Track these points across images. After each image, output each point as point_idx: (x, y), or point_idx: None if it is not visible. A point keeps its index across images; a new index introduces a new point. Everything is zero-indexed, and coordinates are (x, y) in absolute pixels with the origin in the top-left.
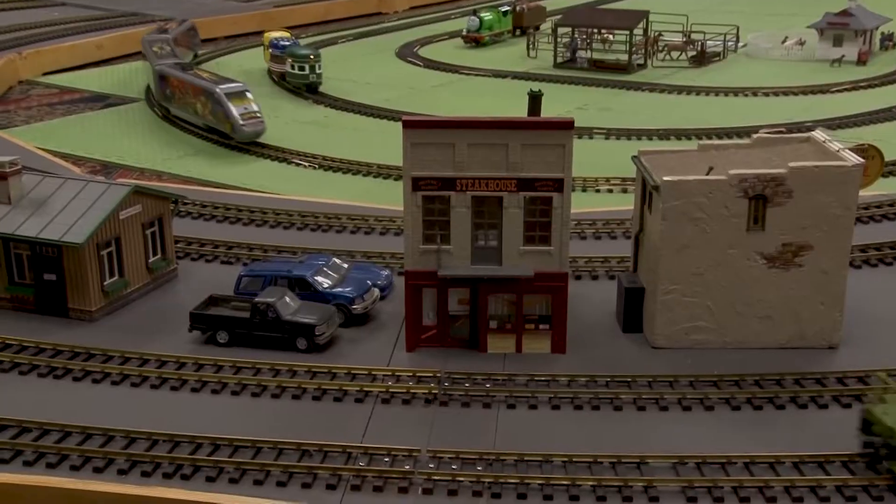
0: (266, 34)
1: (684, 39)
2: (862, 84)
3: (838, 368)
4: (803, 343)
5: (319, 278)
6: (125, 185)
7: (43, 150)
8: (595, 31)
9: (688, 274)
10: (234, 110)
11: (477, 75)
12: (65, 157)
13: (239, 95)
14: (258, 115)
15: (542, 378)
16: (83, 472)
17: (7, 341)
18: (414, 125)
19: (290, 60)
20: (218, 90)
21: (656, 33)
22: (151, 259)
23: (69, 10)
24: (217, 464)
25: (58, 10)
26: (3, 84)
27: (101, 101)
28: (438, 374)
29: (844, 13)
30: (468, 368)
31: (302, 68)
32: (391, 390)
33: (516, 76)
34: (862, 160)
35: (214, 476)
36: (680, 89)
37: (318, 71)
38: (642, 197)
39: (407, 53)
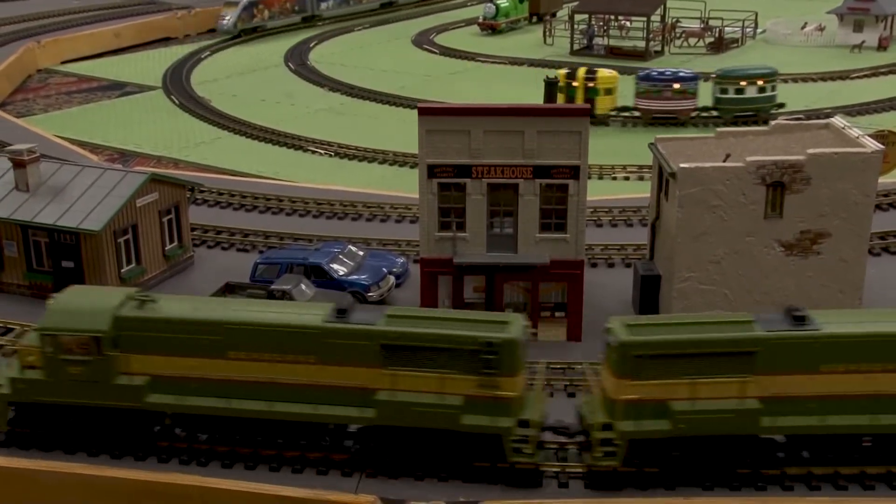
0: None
1: (702, 26)
2: (882, 70)
3: None
4: None
5: (335, 266)
6: (142, 172)
7: (61, 138)
8: (612, 17)
9: (704, 262)
10: (222, 14)
11: (493, 63)
12: (82, 144)
13: (231, 4)
14: (227, 19)
15: (558, 366)
16: (100, 457)
17: (26, 328)
18: (429, 112)
19: (742, 83)
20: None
21: (674, 20)
22: (168, 246)
23: None
24: (233, 450)
25: None
26: (22, 72)
27: (119, 89)
28: None
29: None
30: None
31: (774, 88)
32: None
33: (533, 63)
34: (882, 146)
35: (230, 463)
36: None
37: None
38: (659, 184)
39: (423, 41)
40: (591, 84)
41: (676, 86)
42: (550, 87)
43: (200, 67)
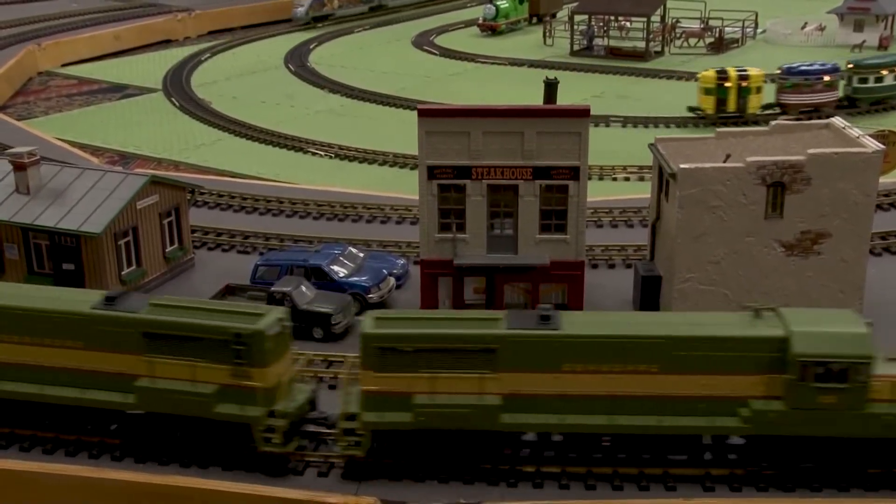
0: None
1: (702, 26)
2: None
3: None
4: None
5: (335, 267)
6: (142, 175)
7: (61, 140)
8: (612, 18)
9: (705, 262)
10: (297, 2)
11: (493, 64)
12: (83, 147)
13: None
14: (301, 8)
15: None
16: (101, 460)
17: None
18: (429, 114)
19: (883, 72)
20: None
21: (674, 20)
22: (168, 249)
23: (88, 2)
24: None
25: (76, 1)
26: (22, 75)
27: (119, 91)
28: None
29: None
30: None
31: None
32: None
33: (533, 64)
34: (882, 146)
35: (231, 465)
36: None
37: None
38: (659, 185)
39: (423, 42)
40: (744, 83)
41: (827, 78)
42: (550, 87)
43: (201, 69)
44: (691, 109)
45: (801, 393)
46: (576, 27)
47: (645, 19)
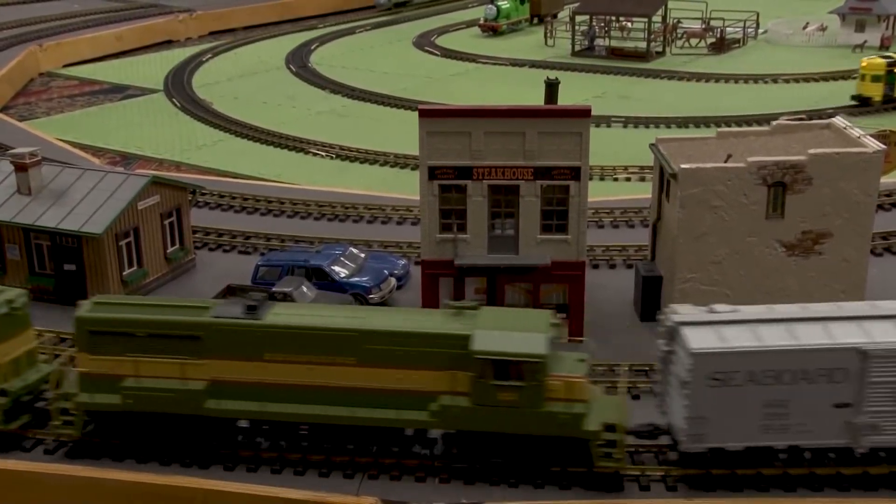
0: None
1: (703, 26)
2: None
3: None
4: None
5: (336, 268)
6: (143, 175)
7: (63, 141)
8: (613, 18)
9: (706, 262)
10: None
11: (494, 64)
12: (84, 148)
13: None
14: None
15: None
16: (103, 460)
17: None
18: (430, 114)
19: None
20: None
21: (675, 20)
22: (170, 249)
23: (89, 3)
24: (235, 452)
25: (78, 2)
26: (24, 76)
27: (121, 92)
28: None
29: None
30: None
31: None
32: None
33: (534, 65)
34: (883, 146)
35: (232, 466)
36: (699, 77)
37: None
38: (660, 185)
39: (424, 43)
40: None
41: None
42: (551, 88)
43: (202, 70)
44: (855, 98)
45: (483, 390)
46: (577, 27)
47: (646, 20)
